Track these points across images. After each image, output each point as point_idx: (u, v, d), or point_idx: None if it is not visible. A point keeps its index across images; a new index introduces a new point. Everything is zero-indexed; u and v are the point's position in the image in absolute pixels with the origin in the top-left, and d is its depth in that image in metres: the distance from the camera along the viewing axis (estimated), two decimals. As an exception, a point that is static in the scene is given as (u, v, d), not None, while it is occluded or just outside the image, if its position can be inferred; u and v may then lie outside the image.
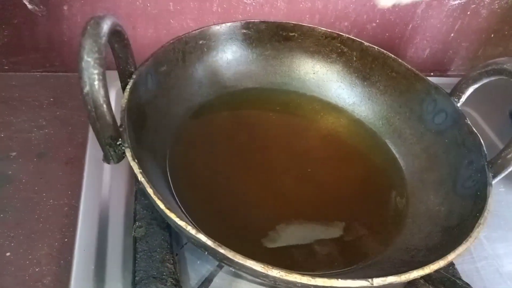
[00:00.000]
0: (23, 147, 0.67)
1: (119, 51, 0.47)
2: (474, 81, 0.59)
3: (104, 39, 0.38)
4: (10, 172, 0.64)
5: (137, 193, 0.56)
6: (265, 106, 0.73)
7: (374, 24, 0.92)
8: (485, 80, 0.58)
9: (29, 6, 0.72)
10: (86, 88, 0.37)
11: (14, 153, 0.66)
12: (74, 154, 0.68)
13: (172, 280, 0.48)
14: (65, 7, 0.74)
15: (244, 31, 0.69)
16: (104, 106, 0.38)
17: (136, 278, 0.47)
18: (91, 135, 0.66)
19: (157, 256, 0.50)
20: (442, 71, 1.07)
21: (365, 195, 0.62)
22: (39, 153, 0.67)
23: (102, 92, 0.37)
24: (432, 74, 1.05)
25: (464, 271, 0.57)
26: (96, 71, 0.36)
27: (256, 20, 0.69)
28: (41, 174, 0.64)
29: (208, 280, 0.50)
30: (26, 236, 0.57)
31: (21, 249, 0.55)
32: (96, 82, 0.37)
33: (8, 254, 0.55)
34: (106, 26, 0.38)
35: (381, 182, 0.65)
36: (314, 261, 0.52)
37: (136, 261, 0.49)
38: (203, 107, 0.68)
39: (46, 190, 0.62)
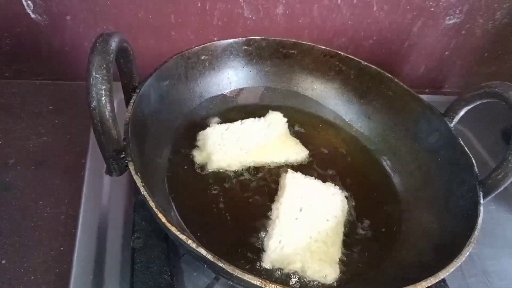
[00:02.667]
0: (21, 154, 0.68)
1: (124, 66, 0.48)
2: (467, 102, 0.60)
3: (112, 56, 0.39)
4: (7, 180, 0.64)
5: (136, 204, 0.57)
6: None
7: (371, 41, 0.93)
8: (477, 102, 0.59)
9: (32, 16, 0.73)
10: (94, 103, 0.37)
11: (12, 160, 0.67)
12: (72, 162, 0.68)
13: (169, 292, 0.48)
14: (68, 17, 0.75)
15: (245, 47, 0.70)
16: (110, 121, 0.39)
17: (134, 289, 0.48)
18: (91, 145, 0.66)
19: (155, 268, 0.50)
20: (436, 88, 1.09)
21: (360, 211, 0.63)
22: (38, 161, 0.67)
23: (108, 107, 0.38)
24: (426, 91, 1.07)
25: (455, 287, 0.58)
26: (103, 87, 0.37)
27: (257, 37, 0.71)
28: (39, 182, 0.65)
29: (204, 292, 0.50)
30: (22, 244, 0.57)
31: (16, 257, 0.55)
32: (103, 98, 0.38)
33: (3, 261, 0.55)
34: (114, 43, 0.39)
35: (375, 198, 0.66)
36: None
37: (134, 272, 0.49)
38: (204, 121, 0.69)
39: (44, 198, 0.63)
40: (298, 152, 0.68)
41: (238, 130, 0.66)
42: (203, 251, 0.39)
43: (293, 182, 0.61)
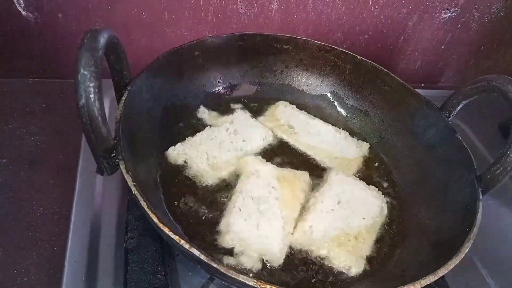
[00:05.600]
0: (14, 154, 0.67)
1: (114, 63, 0.47)
2: (465, 97, 0.60)
3: (100, 53, 0.38)
4: (0, 180, 0.63)
5: (129, 203, 0.56)
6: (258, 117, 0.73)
7: (366, 36, 0.93)
8: (475, 96, 0.59)
9: (24, 13, 0.72)
10: (82, 101, 0.37)
11: (4, 160, 0.66)
12: (66, 162, 0.67)
13: (163, 292, 0.48)
14: (60, 15, 0.74)
15: (240, 43, 0.69)
16: (99, 119, 0.38)
17: (128, 290, 0.47)
18: (84, 144, 0.66)
19: (149, 268, 0.49)
20: (433, 83, 1.08)
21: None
22: (31, 161, 0.67)
23: (97, 105, 0.37)
24: (423, 85, 1.06)
25: (454, 284, 0.57)
26: (92, 84, 0.36)
27: (251, 33, 0.70)
28: (32, 182, 0.64)
29: (200, 292, 0.50)
30: (15, 245, 0.56)
31: (9, 258, 0.55)
32: (92, 95, 0.37)
33: (-4, 263, 0.54)
34: (103, 40, 0.38)
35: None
36: (303, 277, 0.52)
37: (128, 273, 0.48)
38: (196, 117, 0.68)
39: (37, 198, 0.62)
40: (303, 178, 0.62)
41: (250, 207, 0.56)
42: (196, 252, 0.38)
43: (336, 178, 0.62)
